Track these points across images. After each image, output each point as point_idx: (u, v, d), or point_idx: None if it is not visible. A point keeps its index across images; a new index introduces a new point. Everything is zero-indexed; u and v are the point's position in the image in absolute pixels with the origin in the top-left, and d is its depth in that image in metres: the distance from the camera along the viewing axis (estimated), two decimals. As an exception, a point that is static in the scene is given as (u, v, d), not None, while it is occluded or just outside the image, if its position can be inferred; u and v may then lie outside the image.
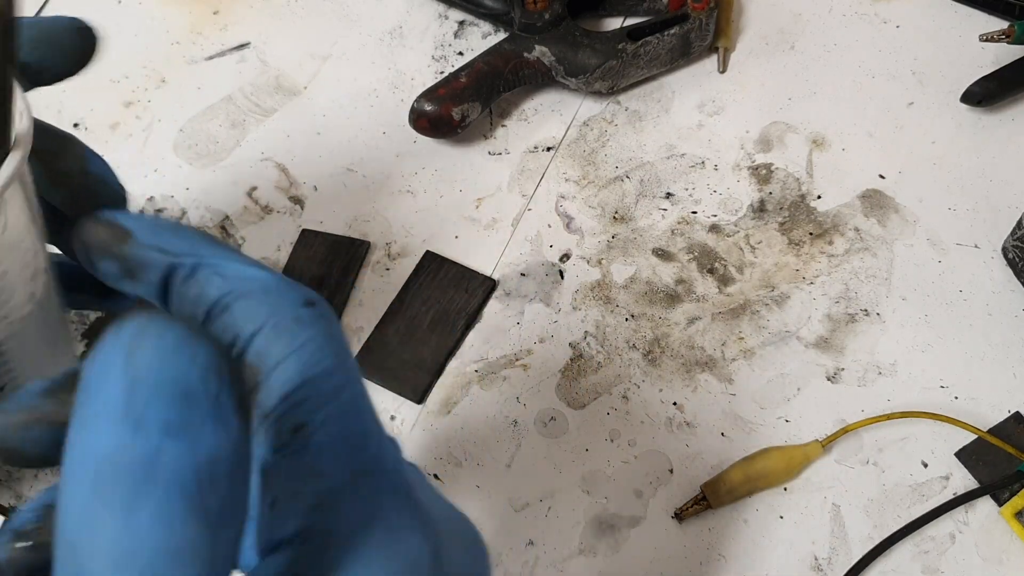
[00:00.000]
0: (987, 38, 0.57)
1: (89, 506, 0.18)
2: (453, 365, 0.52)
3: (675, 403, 0.50)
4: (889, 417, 0.49)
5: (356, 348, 0.52)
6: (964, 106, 0.58)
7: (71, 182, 0.32)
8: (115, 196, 0.33)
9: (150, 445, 0.18)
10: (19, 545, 0.25)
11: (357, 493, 0.24)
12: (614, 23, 0.63)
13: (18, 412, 0.24)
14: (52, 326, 0.32)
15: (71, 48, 0.31)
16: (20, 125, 0.27)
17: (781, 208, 0.56)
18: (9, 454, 0.24)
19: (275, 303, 0.23)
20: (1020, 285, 0.53)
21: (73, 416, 0.19)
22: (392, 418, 0.51)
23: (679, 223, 0.55)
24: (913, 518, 0.46)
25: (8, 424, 0.24)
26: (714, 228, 0.55)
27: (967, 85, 0.57)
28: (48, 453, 0.24)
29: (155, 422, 0.18)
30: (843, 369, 0.51)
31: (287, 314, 0.23)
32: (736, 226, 0.55)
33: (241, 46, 0.63)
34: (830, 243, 0.54)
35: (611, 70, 0.58)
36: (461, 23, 0.63)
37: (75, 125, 0.61)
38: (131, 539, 0.18)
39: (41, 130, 0.30)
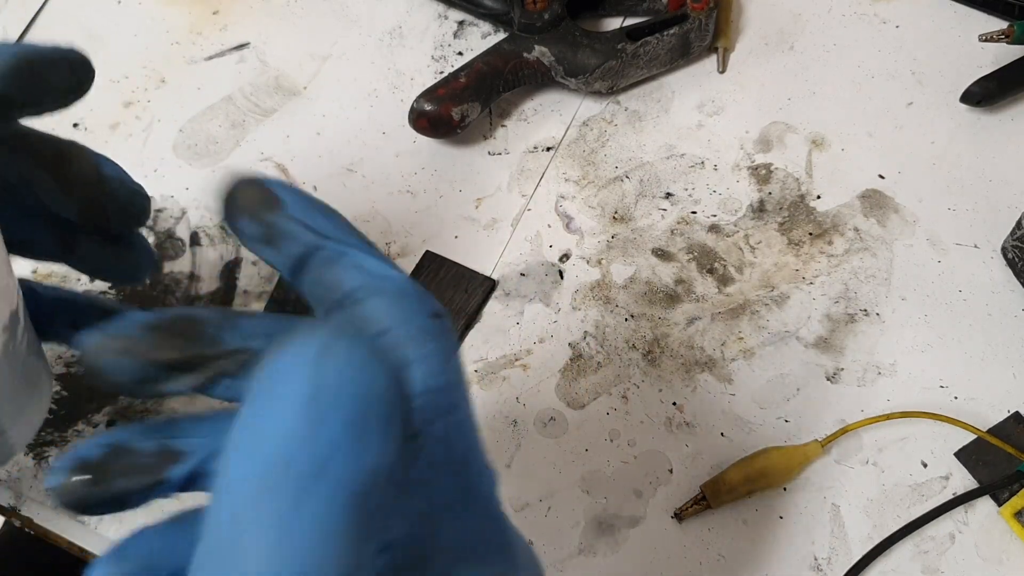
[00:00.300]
0: (986, 38, 0.57)
1: (255, 492, 0.18)
2: (453, 365, 0.52)
3: (675, 403, 0.50)
4: (889, 417, 0.49)
5: (356, 348, 0.52)
6: (963, 106, 0.58)
7: (87, 188, 0.31)
8: (135, 197, 0.33)
9: (327, 442, 0.19)
10: (77, 478, 0.24)
11: (458, 512, 0.24)
12: (614, 23, 0.63)
13: (117, 337, 0.24)
14: (23, 359, 0.31)
15: (58, 83, 0.29)
16: None
17: (781, 208, 0.56)
18: (94, 373, 0.24)
19: (407, 308, 0.24)
20: (1020, 285, 0.53)
21: (251, 400, 0.20)
22: (392, 418, 0.51)
23: (679, 223, 0.55)
24: (913, 518, 0.46)
25: (104, 346, 0.24)
26: (714, 228, 0.55)
27: (966, 85, 0.57)
28: (130, 386, 0.24)
29: (336, 423, 0.19)
30: (843, 369, 0.51)
31: (416, 321, 0.24)
32: (736, 226, 0.55)
33: (241, 46, 0.64)
34: (830, 243, 0.54)
35: (611, 70, 0.58)
36: (461, 23, 0.63)
37: (75, 125, 0.61)
38: (291, 535, 0.18)
39: (45, 139, 0.29)
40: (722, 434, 0.50)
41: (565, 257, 0.55)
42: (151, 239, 0.56)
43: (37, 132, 0.31)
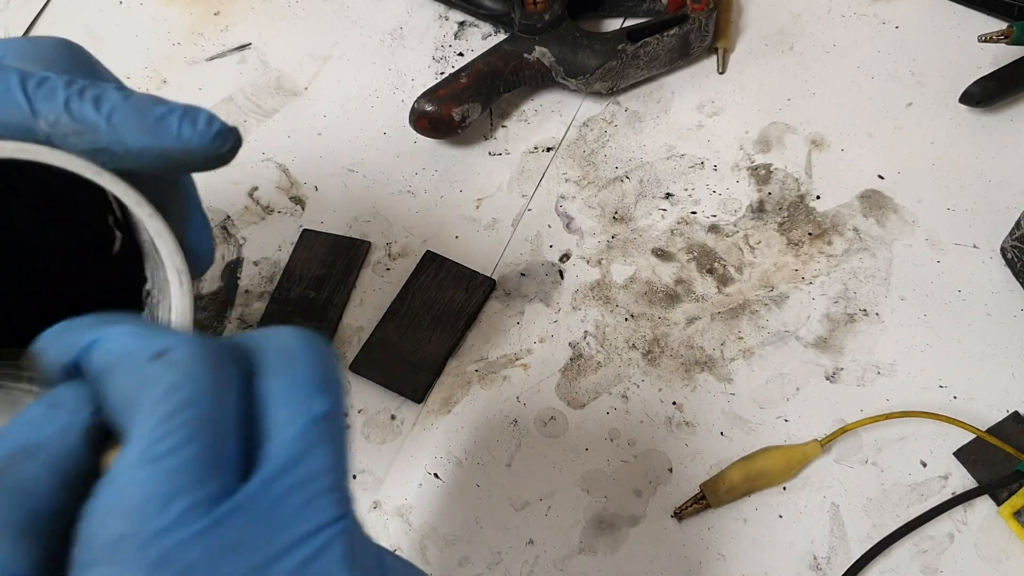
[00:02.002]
0: (986, 39, 0.57)
1: None
2: (453, 365, 0.52)
3: (674, 403, 0.50)
4: (888, 417, 0.49)
5: (356, 348, 0.52)
6: (963, 106, 0.58)
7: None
8: (201, 263, 0.34)
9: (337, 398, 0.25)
10: None
11: None
12: (614, 24, 0.63)
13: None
14: None
15: (199, 167, 0.29)
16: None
17: (780, 208, 0.56)
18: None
19: (125, 371, 0.24)
20: (1019, 285, 0.53)
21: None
22: (392, 417, 0.51)
23: (678, 223, 0.56)
24: (912, 517, 0.47)
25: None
26: (713, 228, 0.55)
27: (966, 86, 0.57)
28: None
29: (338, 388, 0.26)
30: (842, 369, 0.51)
31: (135, 378, 0.24)
32: (735, 226, 0.55)
33: (242, 47, 0.64)
34: (829, 243, 0.55)
35: (611, 71, 0.58)
36: (461, 24, 0.63)
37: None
38: None
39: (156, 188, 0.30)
40: (722, 433, 0.50)
41: (565, 257, 0.55)
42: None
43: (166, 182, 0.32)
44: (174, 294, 0.28)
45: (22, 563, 0.22)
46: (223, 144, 0.28)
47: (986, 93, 0.57)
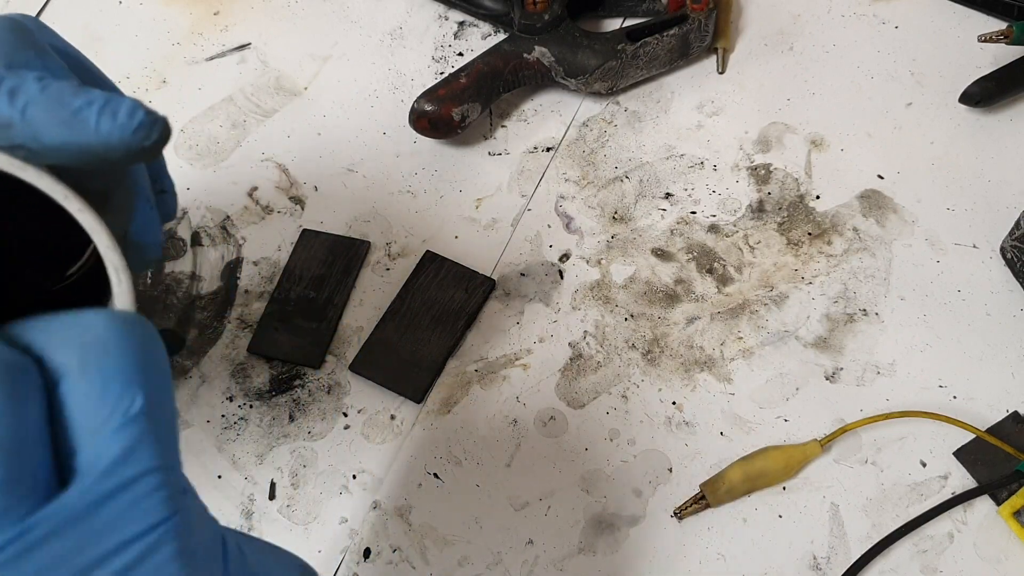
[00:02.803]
0: (985, 39, 0.57)
1: None
2: (453, 365, 0.52)
3: (674, 402, 0.50)
4: (888, 417, 0.49)
5: (356, 348, 0.52)
6: (962, 106, 0.58)
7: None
8: (146, 262, 0.33)
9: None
10: None
11: None
12: (613, 24, 0.63)
13: None
14: None
15: (125, 162, 0.28)
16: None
17: (780, 208, 0.56)
18: None
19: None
20: (1018, 285, 0.53)
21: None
22: (392, 417, 0.51)
23: (678, 223, 0.56)
24: (912, 517, 0.47)
25: None
26: (713, 228, 0.55)
27: (965, 85, 0.57)
28: None
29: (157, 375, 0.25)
30: (842, 369, 0.51)
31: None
32: (735, 226, 0.55)
33: (242, 47, 0.64)
34: (829, 243, 0.55)
35: (610, 71, 0.58)
36: (461, 24, 0.63)
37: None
38: None
39: (97, 180, 0.29)
40: (721, 433, 0.50)
41: (565, 257, 0.55)
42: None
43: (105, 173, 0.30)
44: (114, 288, 0.27)
45: None
46: (146, 137, 0.26)
47: (986, 93, 0.57)
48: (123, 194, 0.30)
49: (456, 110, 0.56)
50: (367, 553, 0.47)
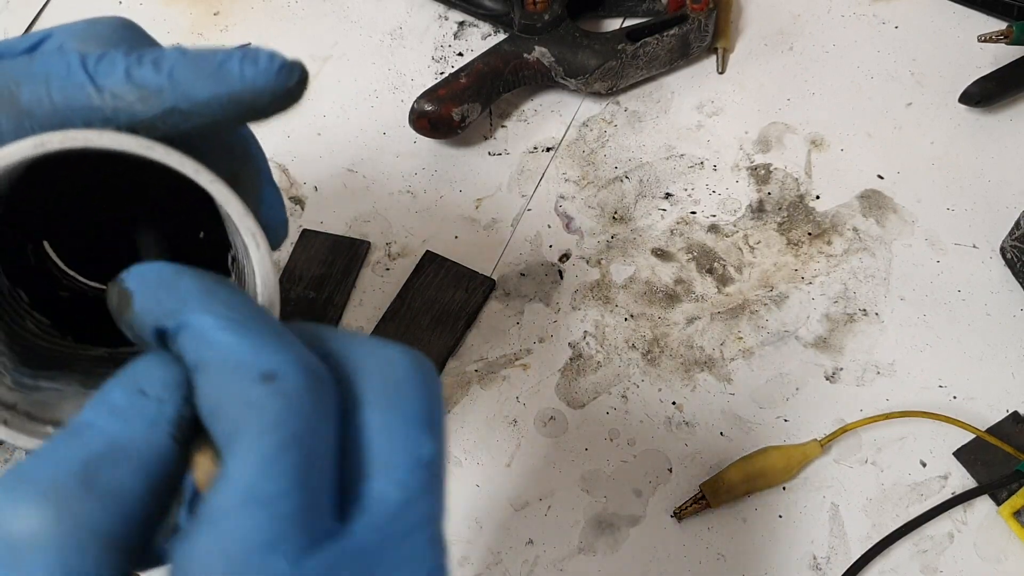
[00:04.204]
0: (985, 39, 0.57)
1: None
2: (453, 365, 0.52)
3: (674, 402, 0.50)
4: (888, 417, 0.49)
5: (356, 348, 0.52)
6: (962, 106, 0.58)
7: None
8: (275, 234, 0.33)
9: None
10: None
11: None
12: (613, 24, 0.63)
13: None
14: None
15: (269, 109, 0.28)
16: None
17: (780, 208, 0.56)
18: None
19: (228, 382, 0.22)
20: (1018, 285, 0.53)
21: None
22: (392, 418, 0.51)
23: (678, 223, 0.56)
24: (912, 517, 0.47)
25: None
26: (713, 228, 0.55)
27: (965, 85, 0.57)
28: None
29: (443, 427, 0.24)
30: (842, 369, 0.51)
31: (239, 397, 0.22)
32: (735, 226, 0.55)
33: (242, 47, 0.64)
34: (829, 243, 0.55)
35: (610, 71, 0.58)
36: (461, 24, 0.63)
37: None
38: None
39: (231, 157, 0.29)
40: (721, 433, 0.50)
41: (565, 257, 0.55)
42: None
43: (238, 147, 0.31)
44: (253, 256, 0.27)
45: (111, 573, 0.21)
46: (289, 78, 0.27)
47: (986, 93, 0.57)
48: (249, 176, 0.31)
49: (456, 110, 0.56)
50: (367, 553, 0.47)
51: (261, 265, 0.27)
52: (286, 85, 0.27)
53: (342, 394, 0.24)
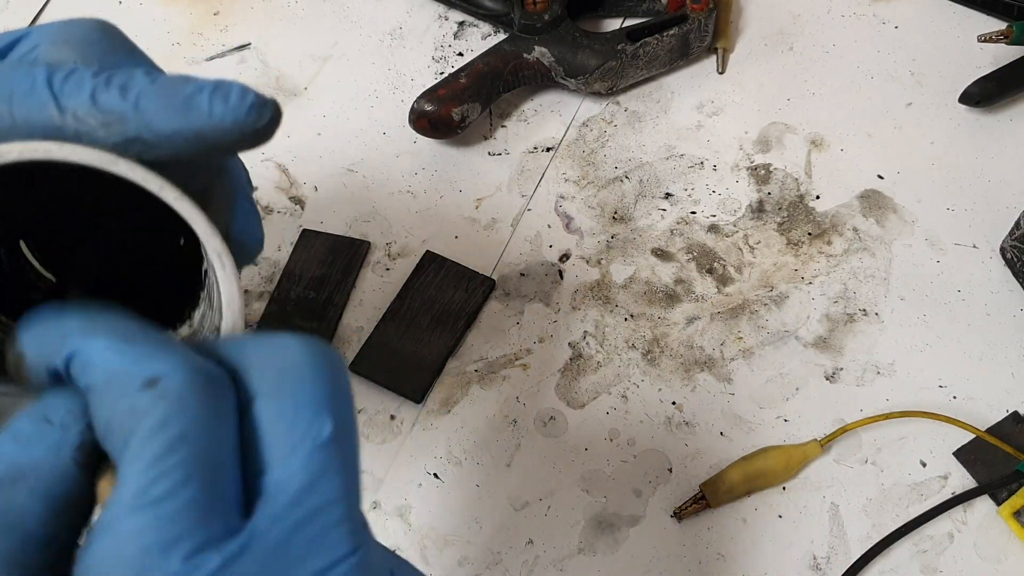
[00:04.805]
0: (985, 39, 0.57)
1: None
2: (453, 365, 0.52)
3: (674, 402, 0.50)
4: (887, 417, 0.49)
5: (356, 348, 0.52)
6: (962, 106, 0.58)
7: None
8: (247, 254, 0.32)
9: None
10: None
11: None
12: (613, 24, 0.63)
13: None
14: None
15: (238, 148, 0.27)
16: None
17: (780, 208, 0.56)
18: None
19: (114, 396, 0.22)
20: (1018, 285, 0.53)
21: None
22: (392, 417, 0.51)
23: (678, 223, 0.56)
24: (912, 517, 0.47)
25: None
26: (713, 228, 0.55)
27: (965, 86, 0.57)
28: None
29: (346, 404, 0.24)
30: (842, 369, 0.51)
31: (124, 407, 0.22)
32: (735, 226, 0.55)
33: (241, 47, 0.64)
34: (829, 243, 0.55)
35: (610, 71, 0.58)
36: (461, 24, 0.63)
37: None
38: None
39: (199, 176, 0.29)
40: (721, 433, 0.50)
41: (565, 257, 0.55)
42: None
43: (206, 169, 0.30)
44: (219, 275, 0.26)
45: None
46: (259, 118, 0.26)
47: (986, 93, 0.57)
48: (222, 191, 0.30)
49: (456, 110, 0.56)
50: (367, 553, 0.47)
51: (226, 284, 0.26)
52: (255, 125, 0.26)
53: (237, 391, 0.23)
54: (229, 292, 0.27)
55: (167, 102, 0.26)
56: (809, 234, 0.55)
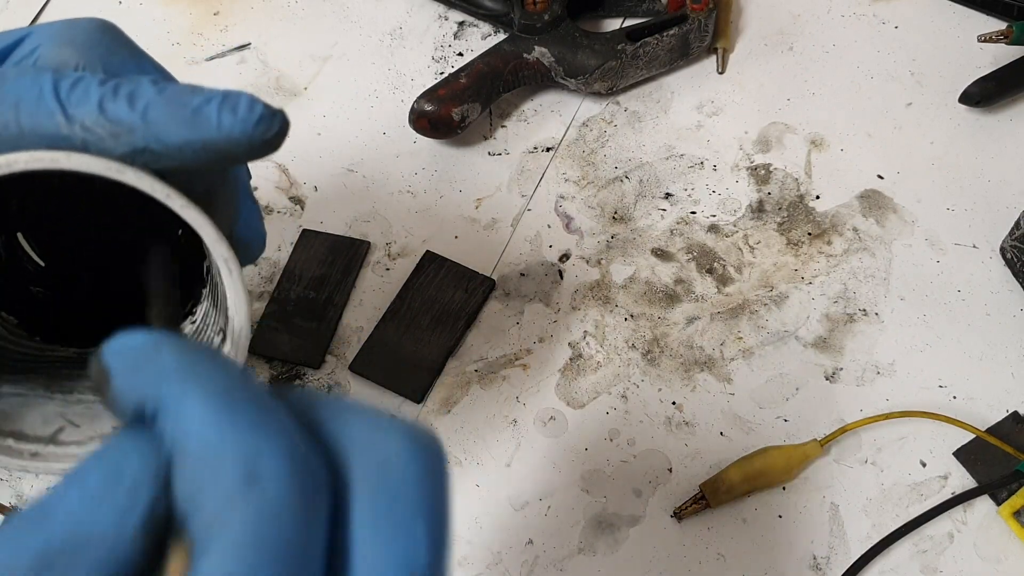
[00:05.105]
0: (985, 39, 0.57)
1: None
2: (453, 365, 0.52)
3: (674, 402, 0.50)
4: (887, 417, 0.49)
5: (356, 348, 0.52)
6: (962, 106, 0.58)
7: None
8: (250, 255, 0.32)
9: None
10: None
11: None
12: (613, 24, 0.63)
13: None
14: None
15: (245, 158, 0.26)
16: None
17: (780, 208, 0.56)
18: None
19: (207, 475, 0.20)
20: (1018, 285, 0.53)
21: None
22: (392, 417, 0.51)
23: (678, 223, 0.56)
24: (912, 517, 0.47)
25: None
26: (713, 228, 0.55)
27: (965, 85, 0.57)
28: None
29: (446, 524, 0.22)
30: (842, 369, 0.51)
31: (217, 494, 0.20)
32: (735, 226, 0.55)
33: (241, 47, 0.64)
34: (828, 243, 0.55)
35: (610, 71, 0.58)
36: (461, 24, 0.63)
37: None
38: None
39: (202, 182, 0.29)
40: (721, 433, 0.50)
41: (565, 257, 0.55)
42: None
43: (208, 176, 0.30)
44: (226, 281, 0.27)
45: None
46: (267, 129, 0.26)
47: (986, 93, 0.57)
48: (226, 190, 0.30)
49: (456, 110, 0.56)
50: (367, 553, 0.47)
51: (233, 291, 0.27)
52: (264, 137, 0.26)
53: (334, 485, 0.21)
54: (236, 299, 0.27)
55: (175, 113, 0.26)
56: (809, 234, 0.55)
